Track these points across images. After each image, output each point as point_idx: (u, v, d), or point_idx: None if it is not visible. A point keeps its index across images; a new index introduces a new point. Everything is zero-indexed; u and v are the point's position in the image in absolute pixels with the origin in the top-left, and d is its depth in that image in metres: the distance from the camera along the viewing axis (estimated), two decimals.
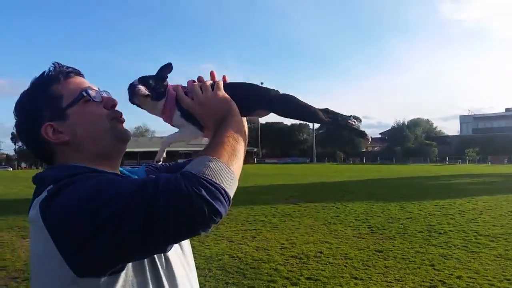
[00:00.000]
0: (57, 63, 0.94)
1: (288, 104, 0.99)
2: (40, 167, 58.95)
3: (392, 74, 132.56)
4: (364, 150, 73.45)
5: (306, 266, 5.31)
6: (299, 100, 1.00)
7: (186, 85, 0.99)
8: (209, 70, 1.01)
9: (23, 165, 64.26)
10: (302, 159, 66.54)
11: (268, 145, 73.72)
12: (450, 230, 7.47)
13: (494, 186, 16.68)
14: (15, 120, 0.93)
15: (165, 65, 0.97)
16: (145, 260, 0.81)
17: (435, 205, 10.81)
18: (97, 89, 0.95)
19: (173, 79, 0.99)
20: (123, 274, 0.76)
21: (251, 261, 5.57)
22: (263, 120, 76.02)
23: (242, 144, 0.86)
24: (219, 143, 0.82)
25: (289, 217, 9.25)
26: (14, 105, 0.93)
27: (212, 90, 0.94)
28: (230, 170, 0.77)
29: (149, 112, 0.99)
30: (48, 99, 0.90)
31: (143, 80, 0.96)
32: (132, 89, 0.94)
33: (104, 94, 0.96)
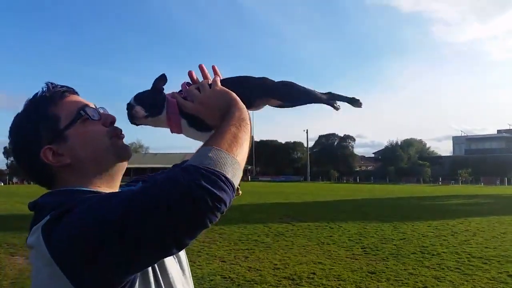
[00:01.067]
0: (50, 83, 0.92)
1: (287, 89, 1.01)
2: (32, 183, 58.07)
3: (386, 94, 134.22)
4: (357, 169, 73.61)
5: None
6: (296, 84, 1.02)
7: (180, 90, 0.98)
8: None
9: (14, 180, 63.47)
10: (296, 177, 66.42)
11: (262, 163, 73.62)
12: (443, 252, 7.46)
13: (486, 207, 16.71)
14: (11, 145, 0.91)
15: (159, 77, 0.95)
16: (151, 282, 0.79)
17: (428, 226, 10.80)
18: (94, 106, 0.93)
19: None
20: None
21: (243, 281, 5.51)
22: (257, 137, 76.18)
23: (245, 130, 0.84)
24: (219, 132, 0.81)
25: (282, 236, 9.19)
26: (9, 129, 0.91)
27: (210, 87, 0.93)
28: (231, 156, 0.76)
29: (157, 127, 0.98)
30: (45, 122, 0.87)
31: (139, 98, 0.94)
32: (129, 112, 0.93)
33: (101, 111, 0.94)
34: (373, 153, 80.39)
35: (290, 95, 1.03)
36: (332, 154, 71.92)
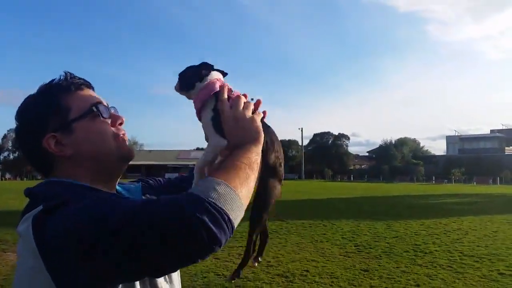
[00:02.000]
0: (69, 72, 0.92)
1: (262, 196, 0.99)
2: (25, 179, 57.98)
3: (380, 92, 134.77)
4: (352, 167, 73.83)
5: (292, 285, 5.27)
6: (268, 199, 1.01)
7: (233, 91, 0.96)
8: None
9: (7, 176, 63.03)
10: (290, 175, 66.48)
11: None
12: (436, 250, 7.51)
13: (479, 206, 16.85)
14: (17, 126, 0.90)
15: (206, 63, 0.95)
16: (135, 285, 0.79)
17: (421, 225, 10.87)
18: (106, 104, 0.94)
19: (167, 93, 0.98)
20: None
21: (237, 279, 5.50)
22: None
23: (255, 176, 0.81)
24: (232, 166, 0.77)
25: (276, 234, 9.20)
26: (17, 110, 0.90)
27: (253, 113, 0.91)
28: (239, 197, 0.71)
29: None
30: (55, 109, 0.87)
31: (181, 73, 0.96)
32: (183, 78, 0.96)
33: (112, 111, 0.95)
34: (367, 152, 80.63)
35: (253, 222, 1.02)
36: (327, 152, 72.05)
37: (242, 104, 0.90)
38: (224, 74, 0.98)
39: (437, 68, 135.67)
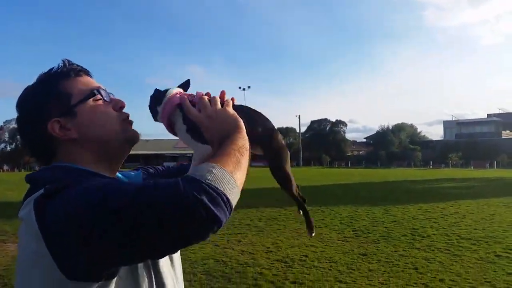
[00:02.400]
0: (67, 60, 0.93)
1: (279, 158, 1.02)
2: (22, 170, 57.85)
3: (377, 79, 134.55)
4: (349, 154, 73.98)
5: (291, 270, 5.32)
6: (286, 162, 1.04)
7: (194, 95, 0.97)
8: (196, 72, 0.97)
9: (5, 167, 62.90)
10: None
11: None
12: (433, 234, 7.58)
13: (476, 190, 16.96)
14: (19, 115, 0.91)
15: (185, 82, 1.02)
16: (138, 269, 0.79)
17: (419, 209, 10.95)
18: (105, 89, 0.95)
19: (162, 83, 0.99)
20: (113, 283, 0.73)
21: (236, 265, 5.56)
22: None
23: (247, 159, 0.82)
24: (224, 154, 0.78)
25: (275, 220, 9.26)
26: (17, 99, 0.91)
27: (222, 106, 0.92)
28: (234, 179, 0.73)
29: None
30: (56, 95, 0.88)
31: (150, 106, 0.99)
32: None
33: (112, 95, 0.95)
34: (364, 138, 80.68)
35: (276, 166, 1.06)
36: (324, 139, 72.09)
37: (208, 102, 0.91)
38: (186, 86, 1.01)
39: (433, 54, 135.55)
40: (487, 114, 72.44)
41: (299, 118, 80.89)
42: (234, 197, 0.72)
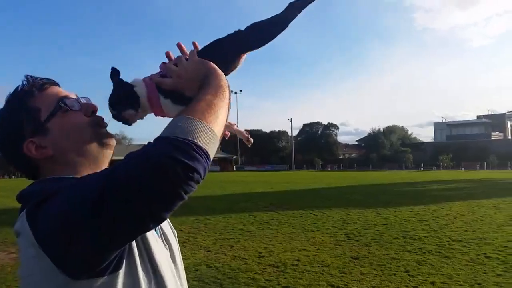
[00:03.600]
0: (30, 76, 0.91)
1: (258, 34, 0.99)
2: (13, 177, 57.15)
3: (368, 81, 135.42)
4: (341, 157, 74.26)
5: (283, 275, 5.31)
6: (262, 22, 1.01)
7: (159, 71, 0.97)
8: None
9: None
10: (281, 166, 66.69)
11: (247, 153, 73.70)
12: (425, 236, 7.62)
13: (466, 191, 17.12)
14: None
15: (111, 72, 0.95)
16: (138, 271, 0.79)
17: (410, 211, 11.02)
18: (75, 97, 0.93)
19: None
20: (117, 280, 0.74)
21: (229, 270, 5.54)
22: (241, 127, 75.64)
23: (221, 97, 0.83)
24: (193, 101, 0.80)
25: (267, 225, 9.25)
26: None
27: (187, 60, 0.93)
28: (204, 124, 0.74)
29: (145, 117, 0.98)
30: (26, 115, 0.87)
31: (114, 103, 0.93)
32: (122, 120, 0.94)
33: (83, 101, 0.94)
34: (356, 141, 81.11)
35: (263, 39, 1.01)
36: (316, 142, 72.32)
37: (173, 66, 0.92)
38: (117, 73, 0.96)
39: (424, 56, 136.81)
40: (477, 116, 73.28)
41: (291, 121, 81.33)
42: (208, 142, 0.73)
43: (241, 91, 69.18)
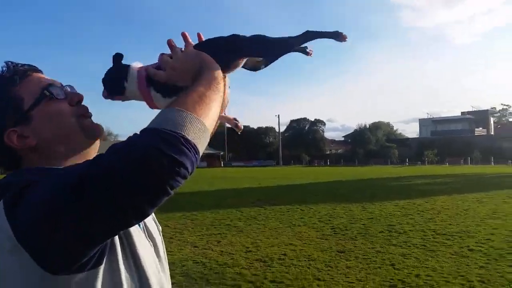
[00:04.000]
0: (11, 62, 0.87)
1: (261, 44, 0.95)
2: None
3: (355, 78, 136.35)
4: (328, 152, 74.69)
5: (270, 269, 5.33)
6: (268, 36, 0.96)
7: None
8: None
9: None
10: (268, 162, 66.74)
11: (234, 149, 73.62)
12: (410, 230, 7.72)
13: (451, 186, 17.38)
14: None
15: (115, 55, 0.93)
16: (120, 267, 0.76)
17: (395, 206, 11.15)
18: (59, 84, 0.89)
19: None
20: (97, 278, 0.71)
21: (215, 266, 5.53)
22: (229, 124, 75.67)
23: (215, 90, 0.80)
24: (184, 93, 0.77)
25: (254, 220, 9.26)
26: None
27: (182, 52, 0.90)
28: (194, 116, 0.71)
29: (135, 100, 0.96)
30: (7, 103, 0.83)
31: (103, 79, 0.93)
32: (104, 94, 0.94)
33: (68, 89, 0.90)
34: (343, 137, 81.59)
35: (265, 49, 0.97)
36: (303, 138, 72.60)
37: (168, 57, 0.90)
38: (120, 57, 0.94)
39: (409, 53, 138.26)
40: (461, 112, 74.28)
41: (278, 117, 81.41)
42: (198, 135, 0.70)
43: (229, 87, 68.91)
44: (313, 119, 76.56)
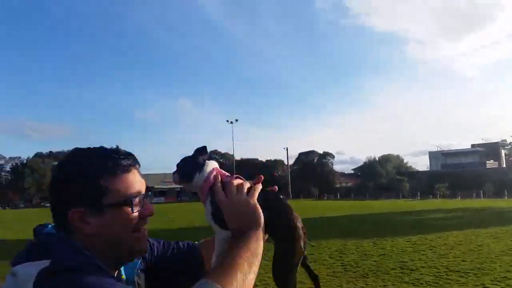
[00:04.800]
0: (119, 149, 0.90)
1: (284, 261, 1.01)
2: (7, 208, 56.36)
3: (363, 111, 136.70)
4: (338, 186, 74.03)
5: None
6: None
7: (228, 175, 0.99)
8: (186, 105, 0.96)
9: None
10: None
11: None
12: (422, 267, 7.54)
13: (463, 220, 17.03)
14: (53, 177, 0.88)
15: (200, 148, 0.98)
16: None
17: (407, 241, 10.93)
18: (144, 192, 0.91)
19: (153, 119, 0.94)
20: None
21: None
22: (238, 156, 76.10)
23: (255, 270, 0.82)
24: (232, 265, 0.78)
25: (263, 257, 9.09)
26: (59, 163, 0.89)
27: (247, 194, 0.92)
28: None
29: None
30: (91, 186, 0.83)
31: (179, 165, 0.98)
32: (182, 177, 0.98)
33: (146, 199, 0.92)
34: (352, 169, 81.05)
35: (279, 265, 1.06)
36: (312, 171, 72.22)
37: (235, 189, 0.92)
38: (204, 151, 0.99)
39: (417, 86, 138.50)
40: (471, 145, 73.71)
41: (287, 150, 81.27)
42: None
43: (236, 120, 69.59)
44: (321, 152, 76.48)
